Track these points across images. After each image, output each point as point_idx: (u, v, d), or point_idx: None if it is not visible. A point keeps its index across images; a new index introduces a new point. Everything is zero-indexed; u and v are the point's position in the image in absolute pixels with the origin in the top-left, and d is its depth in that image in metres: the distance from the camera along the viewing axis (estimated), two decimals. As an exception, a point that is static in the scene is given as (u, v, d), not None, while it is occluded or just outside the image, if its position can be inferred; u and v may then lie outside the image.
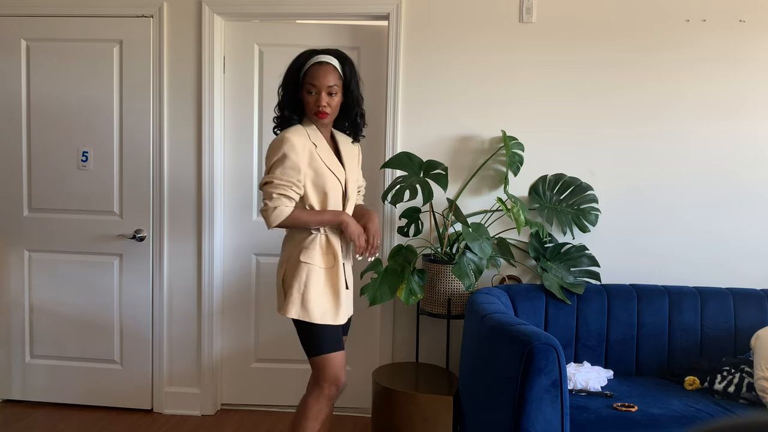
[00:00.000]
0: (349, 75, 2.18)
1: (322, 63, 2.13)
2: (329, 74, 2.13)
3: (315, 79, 2.11)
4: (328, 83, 2.12)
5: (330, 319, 2.16)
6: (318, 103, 2.12)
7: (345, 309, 2.21)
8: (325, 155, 2.17)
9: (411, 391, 2.55)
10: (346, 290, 2.21)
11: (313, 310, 2.13)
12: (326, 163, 2.16)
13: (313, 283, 2.15)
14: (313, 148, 2.15)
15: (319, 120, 2.16)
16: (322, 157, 2.15)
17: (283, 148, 2.10)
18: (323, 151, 2.17)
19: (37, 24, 3.12)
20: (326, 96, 2.13)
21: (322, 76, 2.11)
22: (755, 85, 2.92)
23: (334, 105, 2.16)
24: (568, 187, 2.95)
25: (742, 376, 2.45)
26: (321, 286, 2.16)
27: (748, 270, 2.96)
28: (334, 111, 2.18)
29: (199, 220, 3.13)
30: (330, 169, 2.16)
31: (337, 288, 2.19)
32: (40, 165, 3.17)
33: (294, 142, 2.10)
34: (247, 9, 3.05)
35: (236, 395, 3.27)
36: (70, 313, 3.21)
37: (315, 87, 2.12)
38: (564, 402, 2.00)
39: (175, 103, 3.10)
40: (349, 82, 2.18)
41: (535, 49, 2.96)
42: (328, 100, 2.13)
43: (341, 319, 2.19)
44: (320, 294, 2.16)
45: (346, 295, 2.22)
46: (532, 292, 2.78)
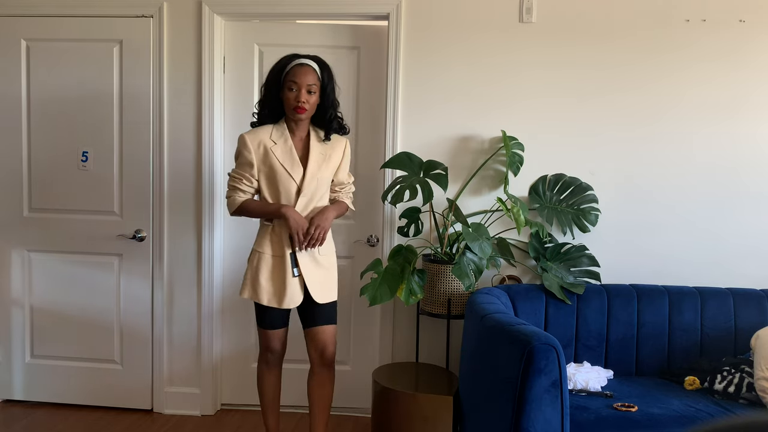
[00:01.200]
0: (326, 79, 2.39)
1: (303, 64, 2.36)
2: (309, 74, 2.34)
3: (296, 77, 2.33)
4: (308, 82, 2.33)
5: (275, 303, 2.39)
6: (297, 99, 2.32)
7: (290, 296, 2.38)
8: (282, 153, 2.38)
9: (411, 391, 2.55)
10: (293, 278, 2.37)
11: (261, 294, 2.40)
12: (280, 160, 2.37)
13: (263, 269, 2.41)
14: (271, 146, 2.37)
15: (297, 115, 2.35)
16: (276, 155, 2.37)
17: (239, 146, 2.41)
18: (280, 149, 2.38)
19: (37, 24, 3.12)
20: (305, 93, 2.33)
21: (303, 75, 2.33)
22: (755, 85, 2.92)
23: (311, 102, 2.36)
24: (568, 187, 2.95)
25: (742, 376, 2.45)
26: (268, 272, 2.40)
27: (748, 270, 2.96)
28: (312, 108, 2.37)
29: (199, 220, 3.13)
30: (283, 165, 2.36)
31: (284, 276, 2.38)
32: (40, 165, 3.17)
33: (247, 141, 2.38)
34: (247, 9, 3.05)
35: (236, 395, 3.27)
36: (70, 313, 3.21)
37: (296, 84, 2.32)
38: (564, 402, 2.00)
39: (175, 103, 3.10)
40: (326, 86, 2.39)
41: (535, 49, 2.96)
42: (306, 97, 2.33)
43: (286, 304, 2.38)
44: (267, 279, 2.40)
45: (294, 283, 2.38)
46: (532, 292, 2.78)
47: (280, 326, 2.49)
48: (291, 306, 2.40)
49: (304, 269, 2.40)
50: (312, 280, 2.42)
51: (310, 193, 2.40)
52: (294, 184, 2.38)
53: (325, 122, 2.44)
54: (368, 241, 3.14)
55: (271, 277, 2.40)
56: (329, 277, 2.49)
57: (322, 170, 2.42)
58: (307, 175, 2.38)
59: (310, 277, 2.41)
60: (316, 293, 2.42)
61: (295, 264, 2.39)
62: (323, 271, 2.46)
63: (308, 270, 2.41)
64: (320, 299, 2.43)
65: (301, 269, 2.39)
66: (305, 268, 2.41)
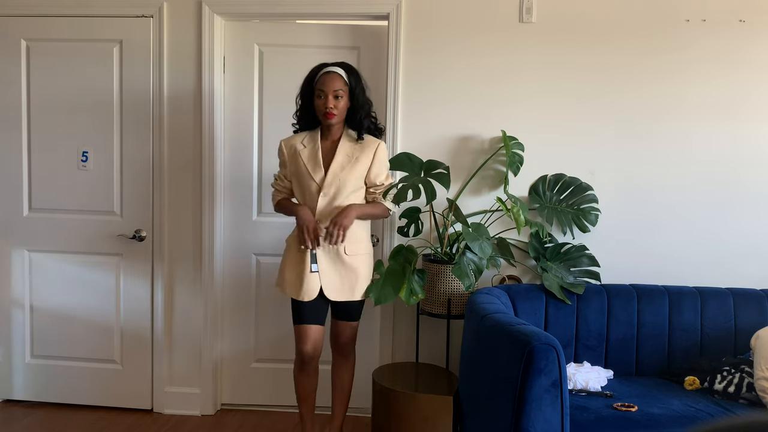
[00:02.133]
0: (354, 83, 2.51)
1: (330, 72, 2.49)
2: (335, 81, 2.47)
3: (323, 85, 2.47)
4: (335, 88, 2.46)
5: (295, 294, 2.53)
6: (325, 105, 2.46)
7: (307, 290, 2.49)
8: (308, 156, 2.54)
9: (411, 391, 2.55)
10: (310, 273, 2.50)
11: (285, 284, 2.58)
12: (305, 162, 2.53)
13: (288, 260, 2.59)
14: (301, 149, 2.55)
15: (328, 120, 2.49)
16: (302, 157, 2.54)
17: (278, 150, 2.64)
18: (307, 152, 2.55)
19: (37, 24, 3.12)
20: (333, 99, 2.46)
21: (329, 82, 2.46)
22: (756, 86, 2.92)
23: (340, 107, 2.48)
24: (568, 187, 2.95)
25: (742, 376, 2.45)
26: (293, 263, 2.56)
27: (748, 270, 2.96)
28: (341, 112, 2.51)
29: (200, 220, 3.13)
30: (307, 166, 2.52)
31: (303, 270, 2.51)
32: (40, 165, 3.17)
33: (282, 145, 2.61)
34: (247, 9, 3.05)
35: (236, 395, 3.27)
36: (70, 313, 3.21)
37: (323, 92, 2.47)
38: (564, 402, 2.00)
39: (175, 103, 3.10)
40: (354, 89, 2.50)
41: (535, 50, 2.96)
42: (334, 103, 2.46)
43: (302, 296, 2.50)
44: (291, 270, 2.56)
45: (310, 278, 2.50)
46: (532, 292, 2.78)
47: (308, 321, 2.54)
48: (306, 298, 2.50)
49: (321, 266, 2.51)
50: (328, 277, 2.53)
51: (331, 193, 2.51)
52: (314, 184, 2.52)
53: (356, 123, 2.55)
54: (368, 241, 3.14)
55: (294, 269, 2.54)
56: (352, 277, 2.55)
57: (346, 171, 2.51)
58: (328, 176, 2.50)
59: (326, 275, 2.52)
60: (330, 291, 2.53)
61: (314, 260, 2.50)
62: (345, 270, 2.55)
63: (325, 267, 2.52)
64: (334, 296, 2.54)
65: (319, 266, 2.51)
66: (323, 265, 2.52)
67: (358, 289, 2.58)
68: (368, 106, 2.58)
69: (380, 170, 2.59)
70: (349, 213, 2.48)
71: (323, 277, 2.52)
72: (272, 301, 3.18)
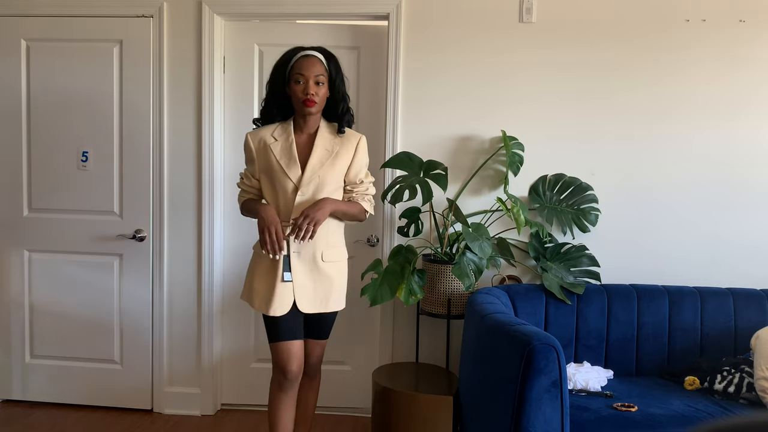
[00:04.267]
0: (334, 71, 2.25)
1: (309, 55, 2.22)
2: (316, 65, 2.21)
3: (302, 69, 2.19)
4: (315, 73, 2.19)
5: (264, 308, 2.22)
6: (306, 91, 2.18)
7: (280, 303, 2.20)
8: (281, 150, 2.25)
9: (411, 391, 2.55)
10: (282, 282, 2.19)
11: (254, 298, 2.26)
12: (277, 157, 2.24)
13: (256, 269, 2.28)
14: (271, 142, 2.26)
15: (307, 108, 2.20)
16: (274, 152, 2.24)
17: (244, 145, 2.33)
18: (280, 146, 2.25)
19: (37, 24, 3.12)
20: (313, 85, 2.19)
21: (309, 66, 2.19)
22: (756, 86, 2.92)
23: (321, 95, 2.22)
24: (568, 187, 2.95)
25: (742, 376, 2.45)
26: (262, 272, 2.25)
27: (748, 270, 2.96)
28: (321, 101, 2.24)
29: (199, 220, 3.13)
30: (280, 162, 2.23)
31: (274, 280, 2.21)
32: (40, 165, 3.17)
33: (248, 139, 2.31)
34: (247, 9, 3.05)
35: (236, 395, 3.27)
36: (70, 313, 3.21)
37: (303, 76, 2.19)
38: (564, 402, 2.00)
39: (175, 103, 3.10)
40: (334, 78, 2.25)
41: (535, 49, 2.96)
42: (315, 89, 2.19)
43: (273, 311, 2.20)
44: (260, 281, 2.25)
45: (283, 289, 2.20)
46: (532, 292, 2.78)
47: (288, 337, 2.24)
48: (279, 313, 2.21)
49: (296, 275, 2.22)
50: (302, 287, 2.24)
51: (310, 192, 2.22)
52: (290, 182, 2.22)
53: (337, 115, 2.30)
54: (368, 241, 3.14)
55: (263, 279, 2.24)
56: (326, 286, 2.28)
57: (326, 168, 2.23)
58: (306, 172, 2.21)
59: (300, 284, 2.23)
60: (303, 302, 2.24)
61: (287, 268, 2.20)
62: (321, 278, 2.27)
63: (301, 276, 2.24)
64: (307, 308, 2.25)
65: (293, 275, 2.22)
66: (298, 273, 2.23)
67: (333, 300, 2.30)
68: (348, 98, 2.32)
69: (361, 167, 2.33)
70: (323, 206, 2.17)
71: (297, 287, 2.22)
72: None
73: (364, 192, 2.35)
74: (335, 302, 2.32)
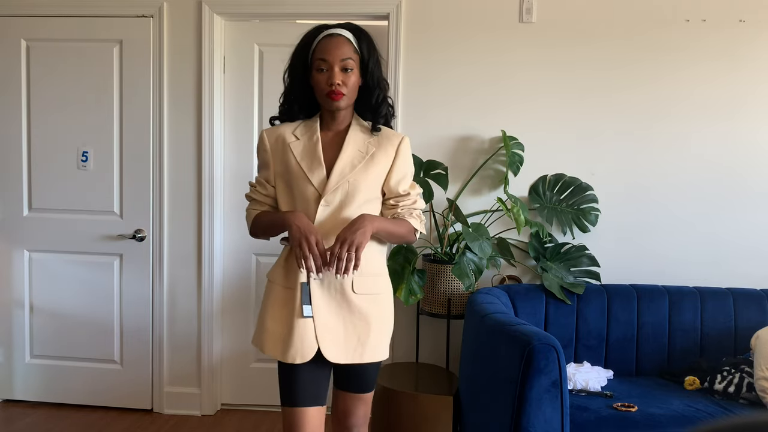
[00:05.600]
0: (366, 52, 1.78)
1: (334, 35, 1.75)
2: (342, 46, 1.73)
3: (325, 53, 1.72)
4: (342, 56, 1.72)
5: (278, 352, 1.71)
6: (330, 81, 1.71)
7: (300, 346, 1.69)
8: (304, 150, 1.77)
9: (411, 391, 2.55)
10: (303, 319, 1.70)
11: (265, 339, 1.75)
12: (298, 158, 1.76)
13: (270, 305, 1.78)
14: (291, 141, 1.79)
15: (333, 102, 1.74)
16: (294, 152, 1.77)
17: (257, 145, 1.87)
18: (302, 145, 1.78)
19: (37, 24, 3.12)
20: (340, 72, 1.72)
21: (334, 49, 1.72)
22: (756, 85, 2.92)
23: (350, 84, 1.74)
24: (568, 187, 2.95)
25: (742, 376, 2.45)
26: (277, 307, 1.76)
27: (748, 270, 2.96)
28: (352, 92, 1.76)
29: (199, 220, 3.13)
30: (300, 164, 1.76)
31: (293, 315, 1.72)
32: (40, 165, 3.17)
33: (264, 138, 1.82)
34: (247, 9, 3.05)
35: (236, 395, 3.27)
36: (70, 313, 3.21)
37: (326, 62, 1.72)
38: (564, 402, 2.00)
39: (175, 103, 3.10)
40: (366, 60, 1.78)
41: (535, 49, 2.96)
42: (342, 77, 1.72)
43: (292, 357, 1.69)
44: (275, 320, 1.75)
45: (303, 326, 1.70)
46: (532, 292, 2.78)
47: (303, 401, 1.71)
48: (299, 360, 1.69)
49: (319, 310, 1.72)
50: (327, 327, 1.72)
51: (336, 202, 1.74)
52: (311, 189, 1.74)
53: (371, 108, 1.82)
54: (368, 241, 3.12)
55: (278, 314, 1.75)
56: (361, 328, 1.75)
57: (358, 172, 1.76)
58: (333, 176, 1.74)
59: (323, 323, 1.72)
60: (329, 347, 1.71)
61: (308, 299, 1.71)
62: (353, 316, 1.75)
63: (325, 312, 1.72)
64: (334, 356, 1.72)
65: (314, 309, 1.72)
66: (321, 308, 1.72)
67: (370, 347, 1.76)
68: (386, 86, 1.85)
69: (404, 174, 1.85)
70: (363, 224, 1.68)
71: (319, 327, 1.71)
72: (272, 301, 3.18)
73: (411, 206, 1.86)
74: (373, 350, 1.77)
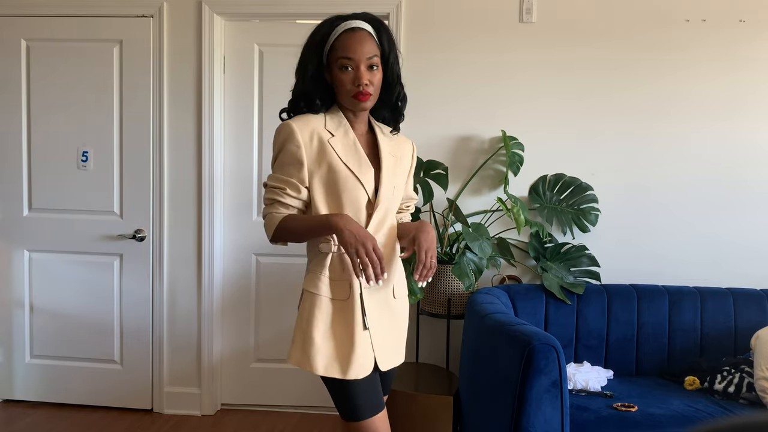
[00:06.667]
0: (387, 47, 1.66)
1: (356, 29, 1.62)
2: (366, 43, 1.61)
3: (350, 50, 1.59)
4: (367, 54, 1.60)
5: (337, 371, 1.62)
6: (358, 81, 1.60)
7: (363, 359, 1.63)
8: (345, 148, 1.65)
9: (411, 391, 2.55)
10: (363, 331, 1.64)
11: (315, 358, 1.62)
12: (343, 158, 1.64)
13: (318, 320, 1.64)
14: (328, 137, 1.64)
15: (360, 104, 1.64)
16: (337, 150, 1.64)
17: (281, 139, 1.66)
18: (342, 142, 1.65)
19: (37, 24, 3.12)
20: (366, 71, 1.61)
21: (358, 46, 1.60)
22: (756, 85, 2.92)
23: (376, 83, 1.64)
24: (568, 187, 2.95)
25: (742, 376, 2.45)
26: (327, 324, 1.65)
27: (748, 270, 2.95)
28: (377, 91, 1.67)
29: (199, 220, 3.13)
30: (348, 166, 1.63)
31: (352, 328, 1.63)
32: (40, 165, 3.17)
33: (294, 130, 1.63)
34: (247, 9, 3.05)
35: (236, 395, 3.27)
36: (70, 313, 3.21)
37: (352, 60, 1.59)
38: (564, 402, 2.00)
39: (175, 103, 3.10)
40: (388, 56, 1.67)
41: (535, 49, 2.96)
42: (369, 77, 1.61)
43: (355, 373, 1.61)
44: (326, 336, 1.64)
45: (364, 339, 1.64)
46: (532, 292, 2.78)
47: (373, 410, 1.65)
48: (361, 377, 1.62)
49: (372, 319, 1.66)
50: (381, 336, 1.68)
51: (384, 208, 1.68)
52: (363, 193, 1.65)
53: (391, 105, 1.75)
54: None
55: (333, 328, 1.65)
56: (400, 332, 1.79)
57: (397, 176, 1.72)
58: (384, 180, 1.67)
59: (378, 333, 1.67)
60: (383, 356, 1.68)
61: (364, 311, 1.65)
62: (395, 321, 1.75)
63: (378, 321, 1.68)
64: (385, 365, 1.70)
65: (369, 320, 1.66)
66: (374, 316, 1.67)
67: (403, 348, 1.81)
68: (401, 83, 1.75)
69: (411, 178, 1.88)
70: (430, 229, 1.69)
71: (376, 338, 1.66)
72: (272, 301, 3.18)
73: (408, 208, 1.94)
74: (404, 351, 1.82)
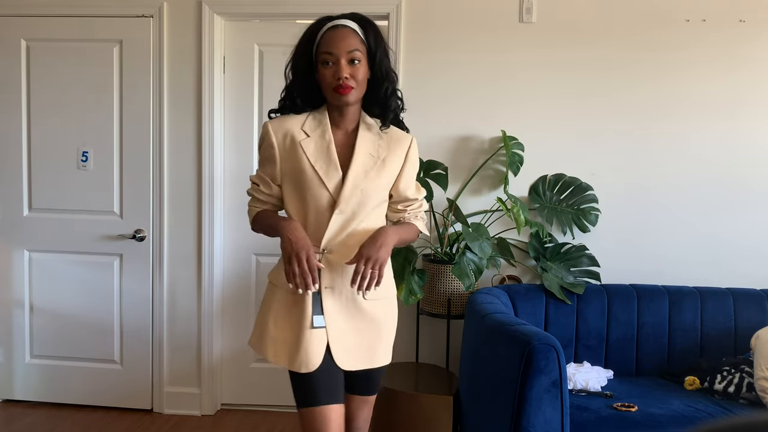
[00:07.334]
0: (373, 42, 1.71)
1: (339, 26, 1.69)
2: (348, 38, 1.67)
3: (331, 45, 1.66)
4: (348, 48, 1.65)
5: (284, 360, 1.68)
6: (337, 74, 1.64)
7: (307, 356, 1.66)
8: (317, 149, 1.70)
9: (411, 391, 2.55)
10: (310, 329, 1.66)
11: (268, 344, 1.71)
12: (311, 159, 1.68)
13: (273, 307, 1.73)
14: (302, 138, 1.70)
15: (342, 97, 1.67)
16: (307, 151, 1.68)
17: (260, 137, 1.78)
18: (314, 144, 1.70)
19: (37, 24, 3.12)
20: (347, 65, 1.65)
21: (340, 40, 1.66)
22: (756, 85, 2.92)
23: (359, 77, 1.67)
24: (568, 187, 2.95)
25: (742, 376, 2.45)
26: (283, 313, 1.72)
27: (748, 270, 2.95)
28: (361, 85, 1.69)
29: (199, 220, 3.13)
30: (314, 167, 1.68)
31: (302, 323, 1.68)
32: (40, 165, 3.17)
33: (269, 130, 1.72)
34: (247, 9, 3.05)
35: (236, 395, 3.27)
36: (70, 313, 3.21)
37: (332, 55, 1.65)
38: (564, 402, 2.00)
39: (175, 103, 3.10)
40: (374, 51, 1.71)
41: (535, 49, 2.96)
42: (350, 71, 1.65)
43: (301, 365, 1.66)
44: (279, 325, 1.71)
45: (312, 336, 1.67)
46: (532, 292, 2.78)
47: (325, 400, 1.66)
48: (304, 369, 1.66)
49: (331, 319, 1.69)
50: (340, 337, 1.70)
51: (350, 210, 1.70)
52: (326, 195, 1.69)
53: (380, 101, 1.76)
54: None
55: (284, 321, 1.71)
56: (372, 333, 1.76)
57: (371, 179, 1.71)
58: (347, 183, 1.68)
59: (337, 333, 1.70)
60: (342, 356, 1.70)
61: (319, 309, 1.68)
62: (364, 322, 1.75)
63: (338, 321, 1.70)
64: (346, 364, 1.72)
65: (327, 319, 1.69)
66: (334, 317, 1.70)
67: (382, 351, 1.79)
68: (394, 79, 1.78)
69: (412, 179, 1.86)
70: (385, 240, 1.66)
71: (333, 337, 1.69)
72: (272, 301, 3.18)
73: (417, 209, 1.88)
74: (383, 354, 1.80)
